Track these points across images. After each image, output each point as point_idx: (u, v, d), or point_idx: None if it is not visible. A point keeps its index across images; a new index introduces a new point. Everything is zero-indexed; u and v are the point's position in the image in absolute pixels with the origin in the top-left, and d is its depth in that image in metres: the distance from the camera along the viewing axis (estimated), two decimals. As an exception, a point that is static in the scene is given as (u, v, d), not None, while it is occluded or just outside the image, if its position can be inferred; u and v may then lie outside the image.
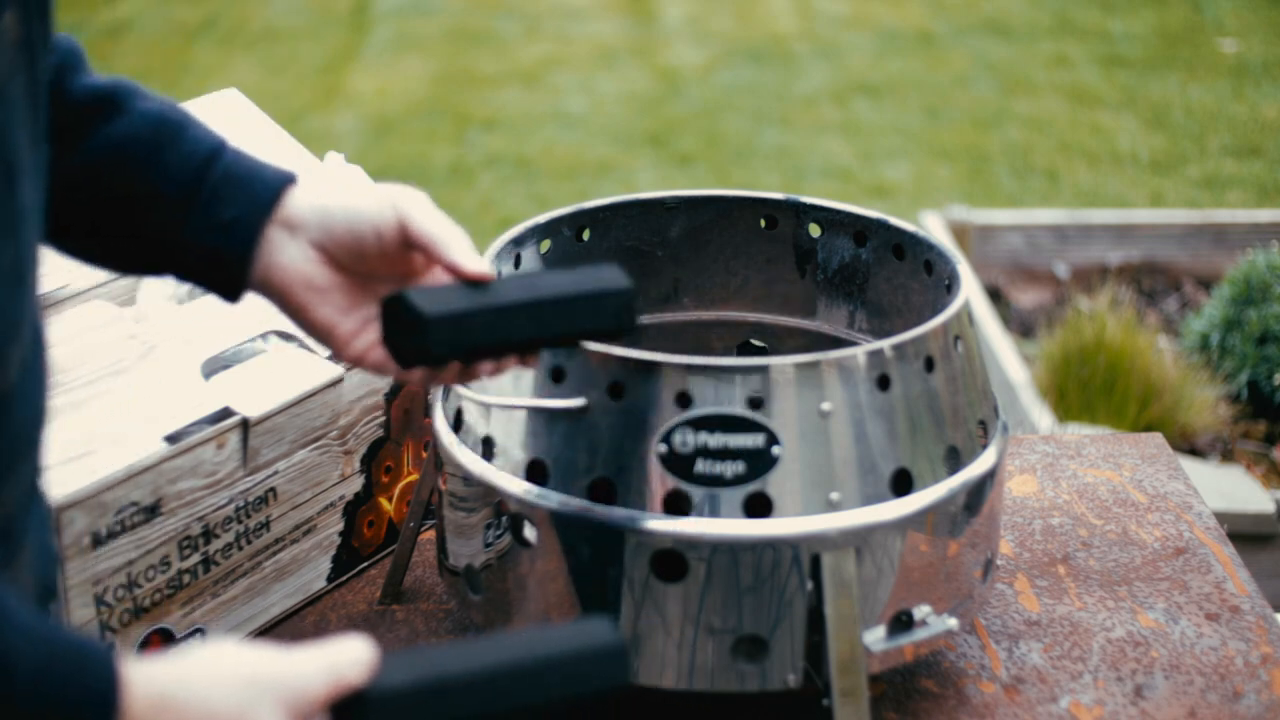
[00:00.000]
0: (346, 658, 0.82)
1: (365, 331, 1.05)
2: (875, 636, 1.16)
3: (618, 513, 1.13)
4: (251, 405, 1.27)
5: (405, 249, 1.03)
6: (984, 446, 1.23)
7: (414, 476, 1.45)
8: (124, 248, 1.04)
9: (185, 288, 1.38)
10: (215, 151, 1.02)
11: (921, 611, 1.18)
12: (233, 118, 1.52)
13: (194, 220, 1.01)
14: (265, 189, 1.02)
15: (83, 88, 1.01)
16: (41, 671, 0.75)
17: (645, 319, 1.46)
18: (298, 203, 1.02)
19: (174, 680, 0.80)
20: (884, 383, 1.15)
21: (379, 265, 1.04)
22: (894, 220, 1.38)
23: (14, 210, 0.78)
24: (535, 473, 1.17)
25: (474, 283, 1.03)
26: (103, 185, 1.02)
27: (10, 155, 0.77)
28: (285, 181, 1.03)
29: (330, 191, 1.03)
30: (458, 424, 1.24)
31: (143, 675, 0.79)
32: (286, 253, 1.02)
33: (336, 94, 5.86)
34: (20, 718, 0.74)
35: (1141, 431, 2.03)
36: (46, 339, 0.86)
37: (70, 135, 1.00)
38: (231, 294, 1.04)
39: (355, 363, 1.05)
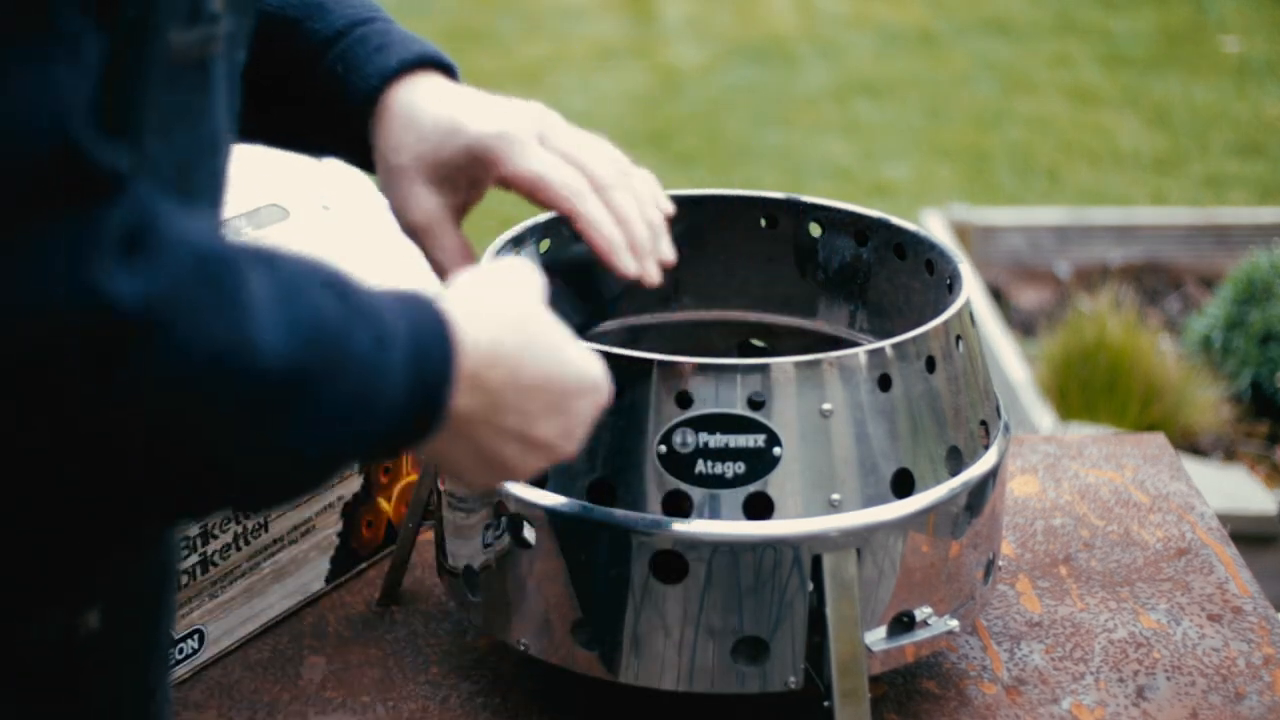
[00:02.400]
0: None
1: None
2: (876, 637, 1.16)
3: (617, 513, 1.13)
4: (249, 405, 1.26)
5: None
6: (986, 447, 1.22)
7: (413, 477, 1.45)
8: (276, 132, 1.12)
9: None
10: (330, 42, 1.06)
11: (923, 612, 1.17)
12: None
13: (318, 105, 1.07)
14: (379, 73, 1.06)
15: None
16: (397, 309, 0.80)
17: (645, 319, 1.46)
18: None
19: (463, 293, 0.87)
20: (885, 383, 1.15)
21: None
22: (895, 220, 1.37)
23: (216, 174, 0.84)
24: (534, 473, 1.16)
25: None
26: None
27: (215, 129, 0.82)
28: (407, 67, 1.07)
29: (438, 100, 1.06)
30: (457, 424, 1.23)
31: (443, 296, 0.85)
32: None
33: (337, 93, 5.85)
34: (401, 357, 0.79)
35: (1143, 432, 2.02)
36: None
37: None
38: (365, 163, 1.10)
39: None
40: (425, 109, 1.05)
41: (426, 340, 0.81)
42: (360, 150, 1.08)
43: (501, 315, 0.87)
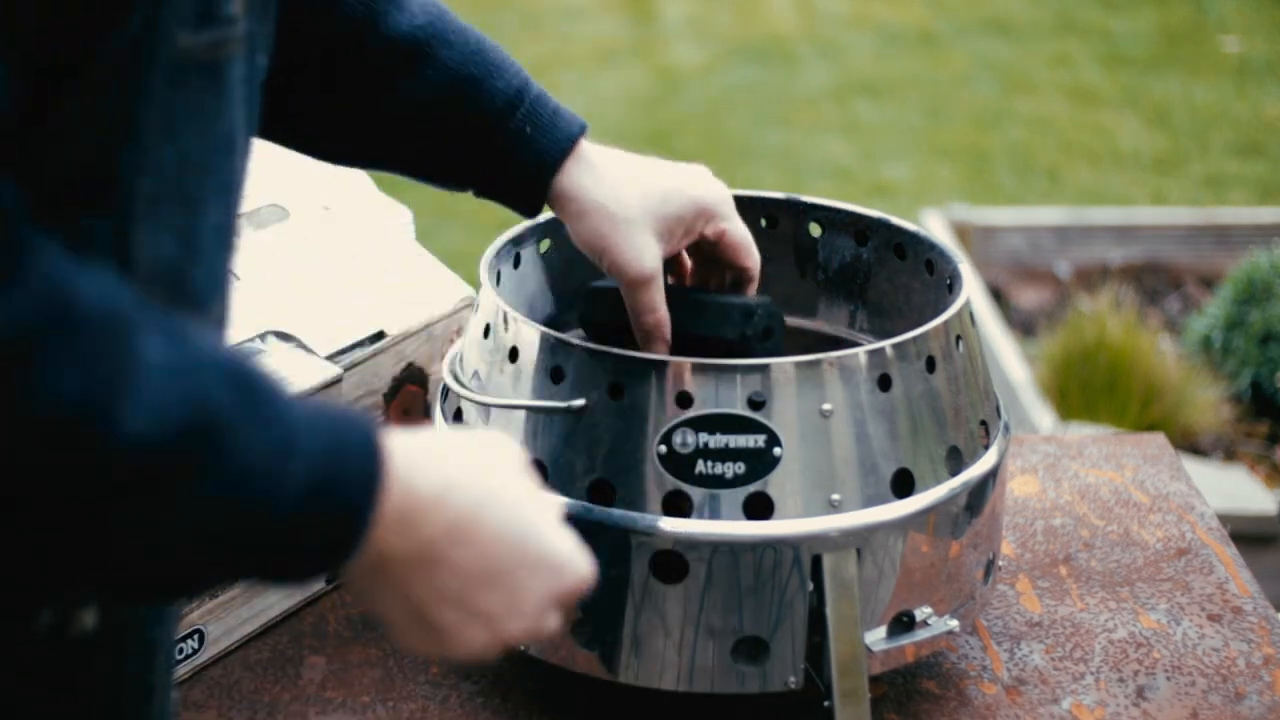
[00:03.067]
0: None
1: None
2: (876, 637, 1.16)
3: (617, 513, 1.13)
4: (249, 405, 1.26)
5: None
6: (986, 447, 1.22)
7: (413, 477, 1.44)
8: (433, 173, 1.20)
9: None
10: (513, 104, 1.16)
11: (923, 612, 1.17)
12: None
13: (503, 161, 1.17)
14: (559, 141, 1.17)
15: (393, 33, 1.13)
16: (314, 420, 0.76)
17: (645, 319, 1.46)
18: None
19: (422, 436, 0.82)
20: (885, 383, 1.15)
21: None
22: (895, 220, 1.37)
23: (230, 175, 0.83)
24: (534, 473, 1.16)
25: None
26: (416, 128, 1.16)
27: (230, 130, 0.82)
28: (579, 133, 1.18)
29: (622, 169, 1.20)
30: (457, 424, 1.23)
31: (394, 432, 0.80)
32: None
33: (337, 93, 5.85)
34: (299, 474, 0.75)
35: (1143, 432, 2.02)
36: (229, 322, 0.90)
37: (382, 82, 1.14)
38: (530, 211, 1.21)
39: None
40: (639, 172, 1.19)
41: (345, 464, 0.76)
42: (525, 195, 1.18)
43: (459, 466, 0.81)
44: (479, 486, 0.81)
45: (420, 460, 0.79)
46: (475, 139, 1.16)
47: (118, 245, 0.76)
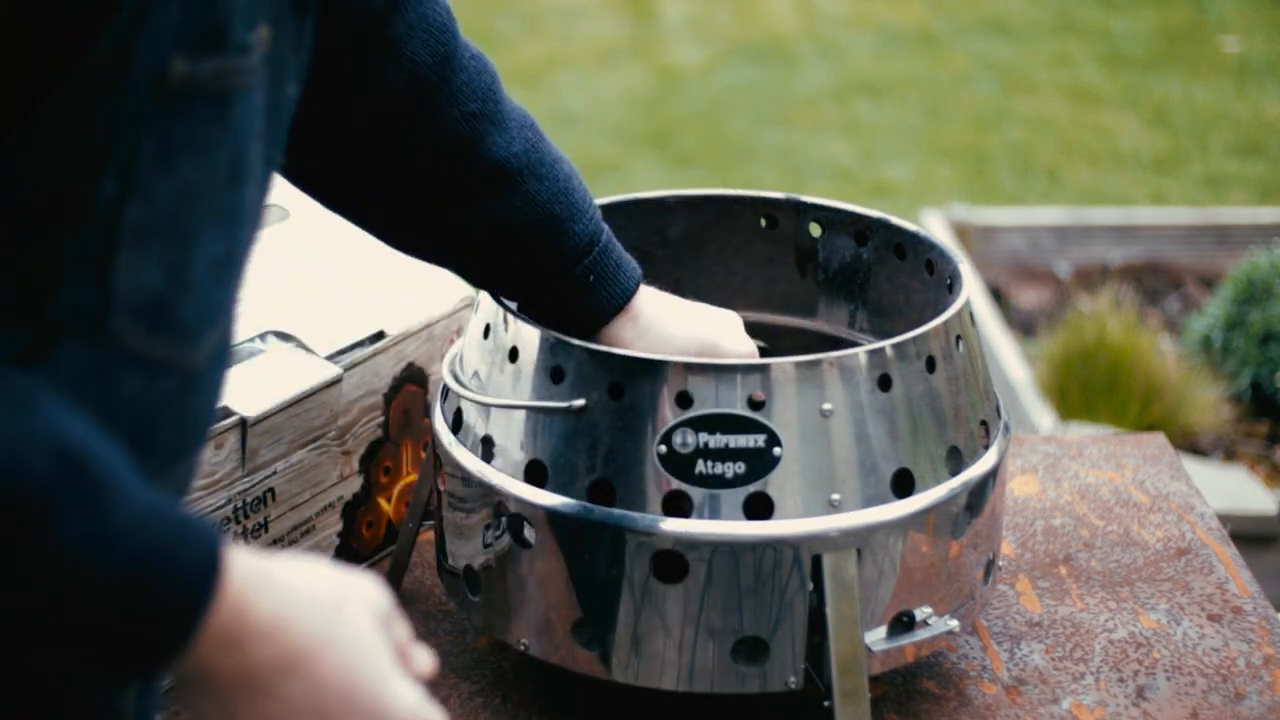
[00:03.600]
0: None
1: None
2: (876, 637, 1.16)
3: (617, 513, 1.13)
4: (250, 405, 1.26)
5: None
6: (986, 447, 1.22)
7: (413, 477, 1.45)
8: (486, 283, 1.25)
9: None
10: (583, 251, 1.20)
11: (923, 612, 1.17)
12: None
13: (560, 297, 1.22)
14: (620, 295, 1.22)
15: (491, 156, 1.17)
16: (144, 528, 0.75)
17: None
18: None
19: (275, 563, 0.80)
20: (885, 383, 1.14)
21: None
22: (895, 219, 1.37)
23: (235, 208, 0.82)
24: (534, 473, 1.16)
25: None
26: (487, 244, 1.19)
27: (241, 158, 0.80)
28: (636, 287, 1.23)
29: (658, 310, 1.24)
30: (457, 424, 1.24)
31: (243, 553, 0.78)
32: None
33: (337, 93, 5.84)
34: (117, 578, 0.74)
35: (1143, 432, 2.02)
36: (232, 346, 0.89)
37: (469, 195, 1.17)
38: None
39: None
40: (678, 328, 1.24)
41: (168, 573, 0.74)
42: (572, 329, 1.20)
43: (307, 600, 0.79)
44: (322, 624, 0.79)
45: (263, 584, 0.78)
46: (542, 276, 1.21)
47: (97, 271, 0.75)
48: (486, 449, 1.19)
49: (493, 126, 1.17)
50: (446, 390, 1.27)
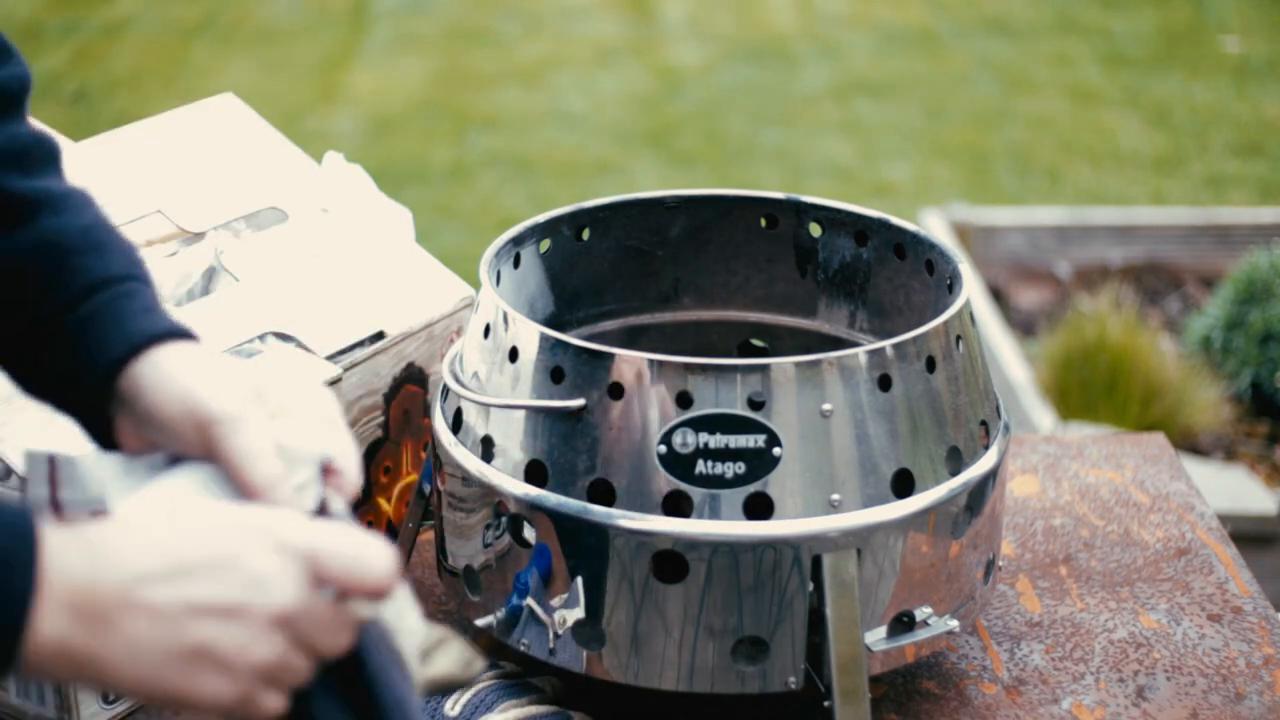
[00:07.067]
0: (372, 549, 0.80)
1: None
2: (876, 637, 1.16)
3: (617, 514, 1.13)
4: (249, 405, 1.26)
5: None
6: (985, 447, 1.22)
7: (413, 477, 1.45)
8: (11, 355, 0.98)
9: (184, 289, 1.38)
10: (83, 294, 0.95)
11: (923, 612, 1.17)
12: (229, 122, 1.52)
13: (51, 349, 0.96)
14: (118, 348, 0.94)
15: (6, 190, 0.97)
16: None
17: (645, 319, 1.46)
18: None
19: (109, 530, 0.78)
20: (885, 383, 1.14)
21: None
22: (895, 219, 1.37)
23: None
24: (534, 473, 1.16)
25: None
26: None
27: None
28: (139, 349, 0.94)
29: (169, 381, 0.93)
30: (457, 424, 1.24)
31: (68, 534, 0.76)
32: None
33: (335, 94, 5.85)
34: None
35: (1143, 432, 2.02)
36: None
37: None
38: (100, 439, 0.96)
39: None
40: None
41: None
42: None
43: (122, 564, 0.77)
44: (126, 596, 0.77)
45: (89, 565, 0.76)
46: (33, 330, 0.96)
47: None
48: (486, 449, 1.19)
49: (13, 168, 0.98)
50: (446, 390, 1.27)
